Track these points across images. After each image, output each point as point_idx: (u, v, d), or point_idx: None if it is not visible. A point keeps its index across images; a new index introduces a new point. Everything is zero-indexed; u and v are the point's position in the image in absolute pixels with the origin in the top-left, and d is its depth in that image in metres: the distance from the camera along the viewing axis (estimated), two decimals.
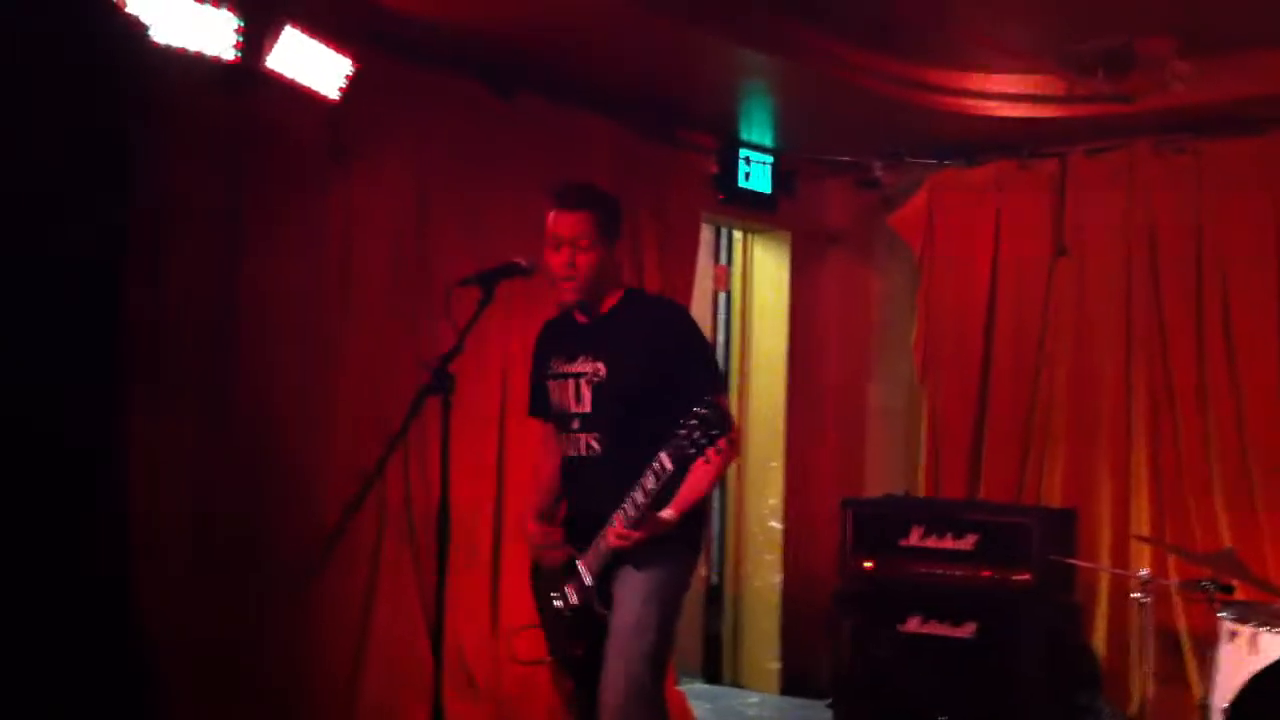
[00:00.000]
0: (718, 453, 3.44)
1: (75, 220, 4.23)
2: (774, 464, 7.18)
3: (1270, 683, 4.40)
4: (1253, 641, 4.61)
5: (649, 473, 3.46)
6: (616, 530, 3.54)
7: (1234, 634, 4.72)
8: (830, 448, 7.25)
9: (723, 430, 3.37)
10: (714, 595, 7.32)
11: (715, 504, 7.22)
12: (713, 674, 7.24)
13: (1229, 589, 4.87)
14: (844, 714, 5.52)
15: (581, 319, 3.86)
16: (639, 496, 3.49)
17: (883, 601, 5.55)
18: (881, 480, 6.95)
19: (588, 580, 3.68)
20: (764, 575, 7.18)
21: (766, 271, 7.38)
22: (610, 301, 3.82)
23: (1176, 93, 5.58)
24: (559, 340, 3.92)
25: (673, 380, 3.63)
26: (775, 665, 7.06)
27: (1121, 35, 5.40)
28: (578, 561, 3.71)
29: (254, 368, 4.91)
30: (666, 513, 3.59)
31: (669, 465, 3.42)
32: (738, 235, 7.46)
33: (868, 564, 5.63)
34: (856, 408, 7.34)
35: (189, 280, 4.71)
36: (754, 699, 6.92)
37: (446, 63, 5.39)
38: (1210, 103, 5.75)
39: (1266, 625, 4.61)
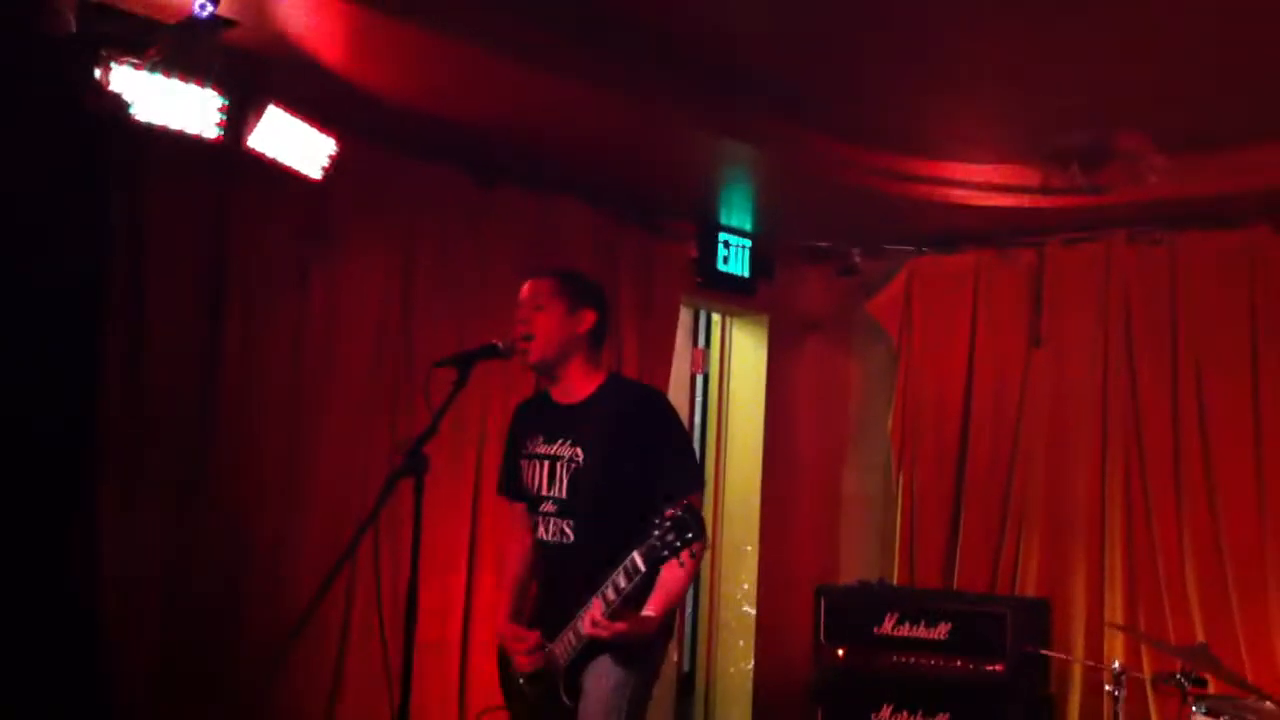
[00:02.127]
0: (691, 556, 3.41)
1: (52, 313, 4.26)
2: (748, 548, 7.15)
3: None
4: None
5: (621, 571, 3.44)
6: (593, 617, 3.51)
7: None
8: (805, 533, 7.24)
9: (697, 535, 3.34)
10: (686, 683, 7.26)
11: (692, 589, 7.17)
12: None
13: (1202, 682, 4.85)
14: None
15: (561, 401, 3.86)
16: (610, 594, 3.47)
17: (855, 691, 5.51)
18: (856, 567, 6.94)
19: (558, 667, 3.65)
20: (736, 661, 7.12)
21: (744, 355, 7.41)
22: (591, 386, 3.83)
23: (1152, 186, 5.67)
24: (537, 421, 3.91)
25: (651, 471, 3.62)
26: None
27: (1097, 130, 5.48)
28: (548, 647, 3.67)
29: (232, 447, 4.90)
30: (648, 612, 3.56)
31: (641, 566, 3.39)
32: (716, 318, 7.50)
33: (840, 652, 5.59)
34: (832, 493, 7.34)
35: (169, 356, 4.71)
36: None
37: (427, 150, 5.44)
38: (1185, 197, 5.81)
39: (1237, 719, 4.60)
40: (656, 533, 3.34)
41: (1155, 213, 6.07)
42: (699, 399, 7.49)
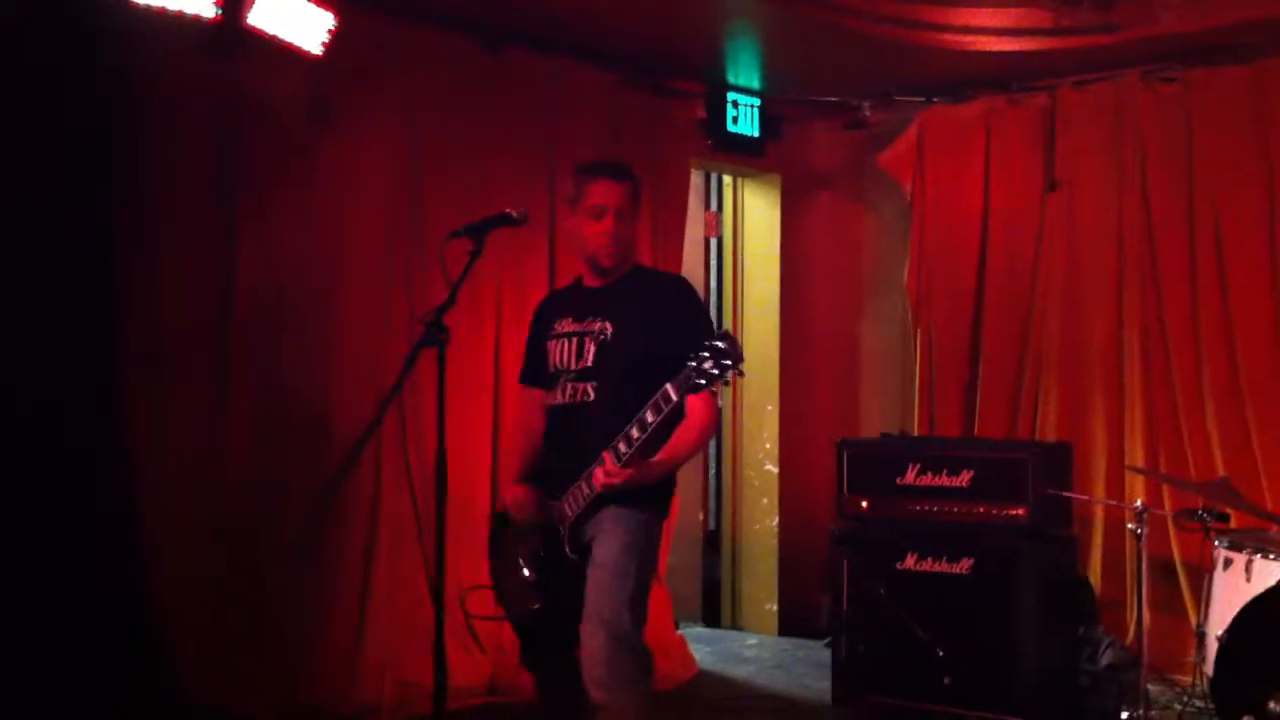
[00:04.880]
0: (712, 393, 3.45)
1: (59, 214, 4.27)
2: (769, 408, 7.21)
3: (1265, 609, 4.42)
4: (1247, 569, 4.65)
5: (649, 407, 3.46)
6: (606, 468, 3.54)
7: (1229, 562, 4.77)
8: (824, 389, 7.27)
9: (734, 364, 3.35)
10: (712, 540, 7.38)
11: (711, 449, 7.26)
12: (712, 618, 7.31)
13: (1224, 517, 4.90)
14: (842, 653, 5.55)
15: (591, 284, 3.89)
16: (634, 431, 3.49)
17: (879, 541, 5.56)
18: (876, 421, 6.98)
19: (564, 523, 3.68)
20: (761, 519, 7.23)
21: (757, 215, 7.37)
22: (619, 269, 3.86)
23: (1163, 22, 5.58)
24: (567, 304, 3.94)
25: (676, 348, 3.62)
26: (773, 607, 7.12)
27: None
28: (553, 505, 3.72)
29: (254, 335, 4.95)
30: (657, 459, 3.61)
31: (674, 396, 3.41)
32: (727, 180, 7.44)
33: (864, 504, 5.64)
34: (850, 349, 7.36)
35: (184, 253, 4.72)
36: (753, 640, 6.98)
37: (431, 18, 5.37)
38: (1197, 32, 5.73)
39: (1261, 552, 4.64)
40: (693, 363, 3.35)
41: (1167, 49, 5.99)
42: (713, 262, 7.47)
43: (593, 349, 3.77)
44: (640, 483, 3.60)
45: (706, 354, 3.34)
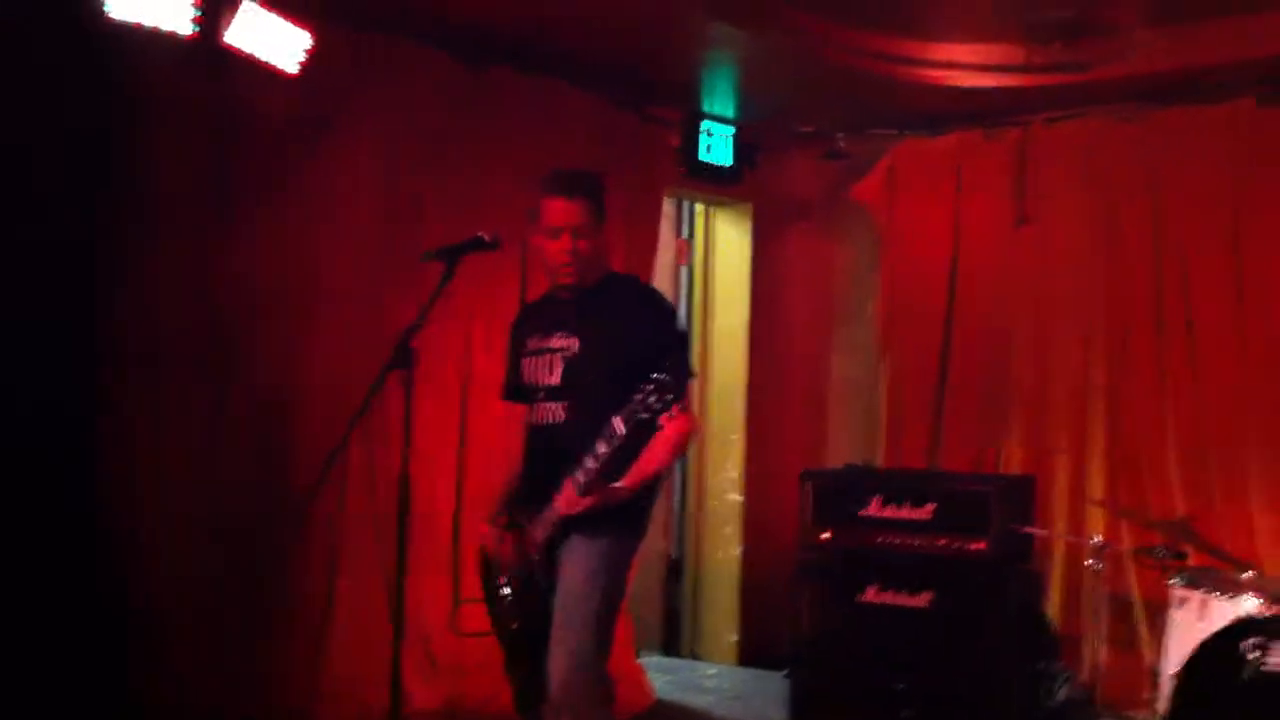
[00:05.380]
0: (670, 418, 3.48)
1: (56, 215, 4.27)
2: (734, 436, 7.22)
3: (1220, 649, 4.47)
4: (1203, 607, 4.71)
5: (601, 439, 3.48)
6: (566, 497, 3.57)
7: (1184, 600, 4.82)
8: (792, 419, 7.29)
9: (677, 395, 3.41)
10: (674, 569, 7.36)
11: (676, 478, 7.26)
12: (672, 647, 7.29)
13: (1181, 555, 4.95)
14: (801, 684, 5.56)
15: (560, 297, 3.91)
16: (590, 462, 3.51)
17: (841, 571, 5.59)
18: (843, 451, 6.97)
19: (534, 547, 3.71)
20: (724, 548, 7.22)
21: (728, 244, 7.40)
22: (589, 281, 3.86)
23: (1133, 61, 5.64)
24: (537, 319, 3.97)
25: (643, 360, 3.64)
26: (734, 637, 7.11)
27: (1078, 4, 5.44)
28: (528, 529, 3.74)
29: (227, 349, 4.93)
30: (620, 483, 3.62)
31: (621, 430, 3.44)
32: (700, 208, 7.46)
33: (826, 535, 5.66)
34: (818, 379, 7.38)
35: (157, 267, 4.71)
36: (712, 670, 6.96)
37: (413, 36, 5.36)
38: (1167, 71, 5.79)
39: (1216, 591, 4.70)
40: (638, 396, 3.38)
41: (1138, 88, 6.05)
42: (684, 290, 7.47)
43: (559, 366, 3.79)
44: (608, 504, 3.61)
45: (650, 386, 3.36)
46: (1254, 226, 5.91)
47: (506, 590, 3.84)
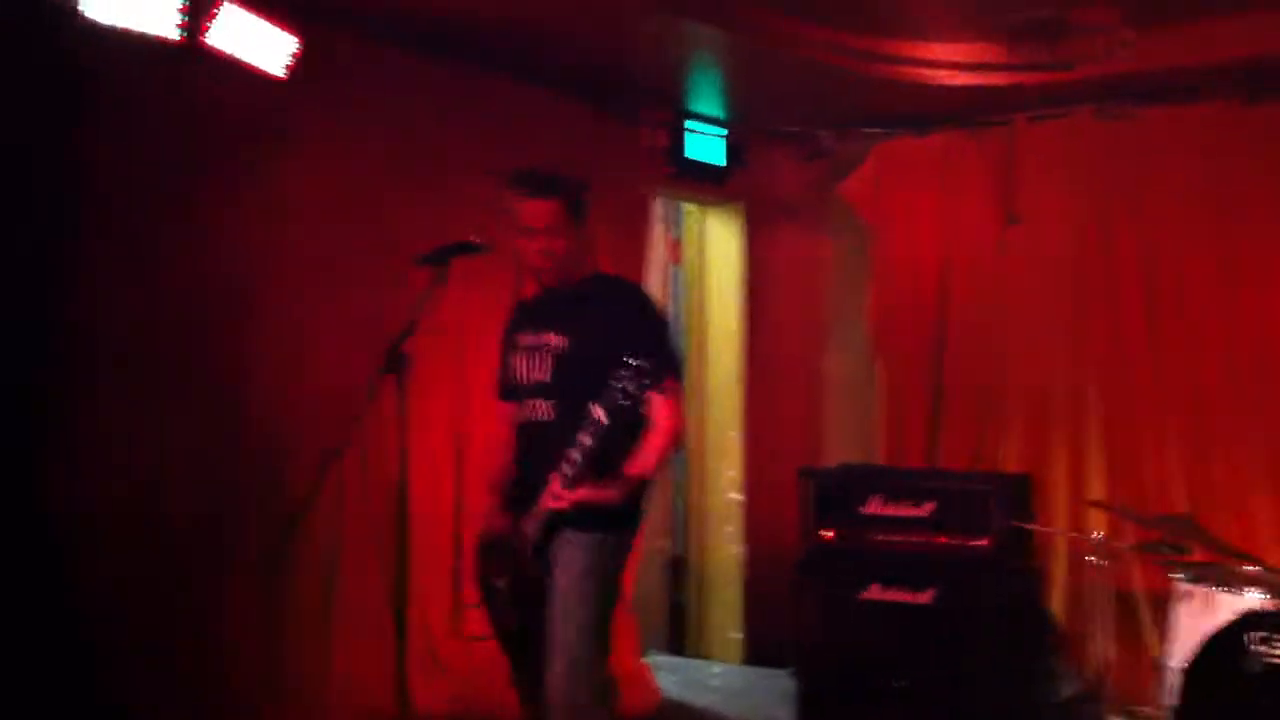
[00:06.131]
0: (656, 401, 3.54)
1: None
2: (732, 434, 7.20)
3: (1225, 642, 4.46)
4: (1207, 602, 4.69)
5: (584, 431, 3.48)
6: (553, 490, 3.56)
7: (1188, 595, 4.80)
8: (788, 418, 7.25)
9: (656, 380, 3.44)
10: (676, 568, 7.35)
11: (676, 476, 7.26)
12: (677, 646, 7.27)
13: (1184, 550, 4.94)
14: (806, 682, 5.54)
15: (547, 296, 3.94)
16: (575, 455, 3.50)
17: (844, 570, 5.57)
18: (840, 449, 6.95)
19: (526, 543, 3.67)
20: (725, 547, 7.20)
21: (720, 243, 7.38)
22: (576, 278, 3.90)
23: (1117, 60, 5.64)
24: (528, 315, 4.01)
25: (631, 356, 3.63)
26: (738, 636, 7.09)
27: (1060, 4, 5.46)
28: (519, 525, 3.71)
29: (212, 354, 4.87)
30: (610, 484, 3.61)
31: (602, 417, 3.44)
32: (691, 208, 7.44)
33: (828, 533, 5.65)
34: (813, 377, 7.33)
35: (137, 270, 4.65)
36: (717, 669, 6.96)
37: (395, 39, 5.32)
38: (1151, 71, 5.80)
39: (1220, 586, 4.69)
40: (615, 383, 3.41)
41: (1123, 87, 6.04)
42: (675, 290, 7.46)
43: (549, 363, 3.80)
44: (604, 501, 3.60)
45: (625, 372, 3.39)
46: (1241, 223, 5.94)
47: (501, 584, 3.82)
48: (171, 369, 4.76)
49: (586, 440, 3.48)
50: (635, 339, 3.64)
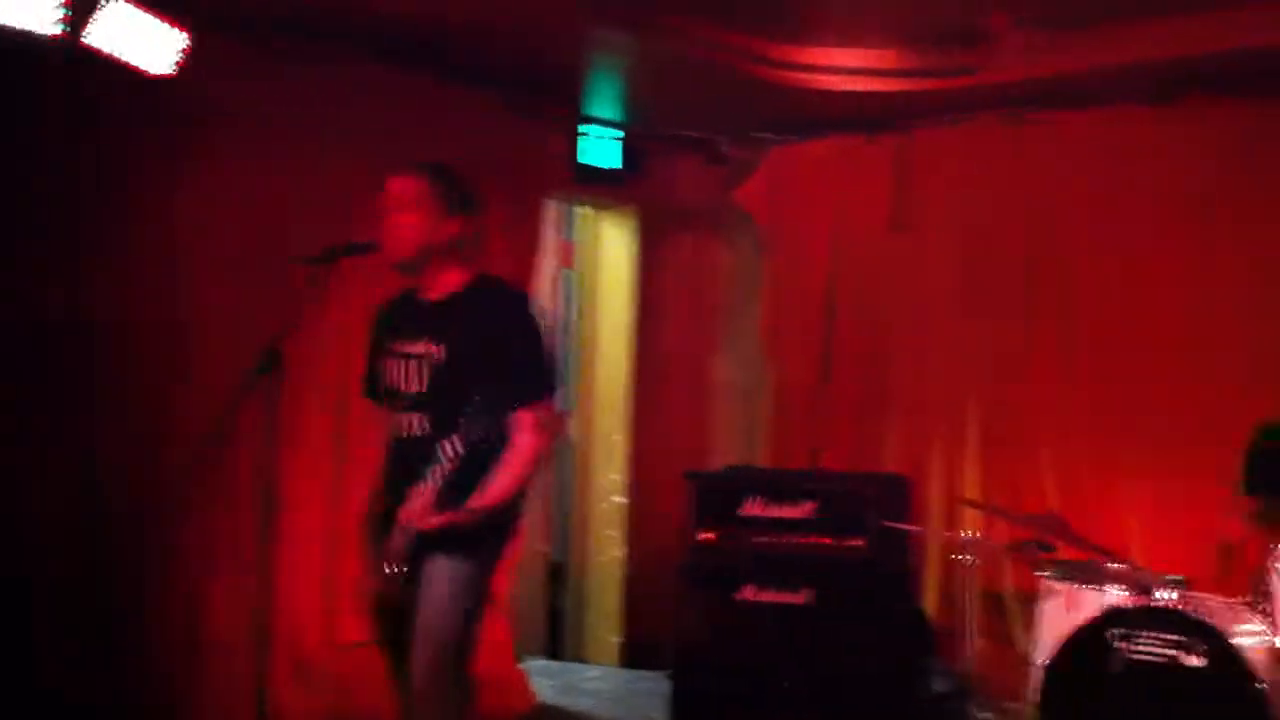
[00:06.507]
0: (531, 411, 3.56)
1: None
2: (617, 438, 7.22)
3: (1087, 639, 4.57)
4: (1072, 599, 4.81)
5: (441, 458, 3.46)
6: (413, 509, 3.51)
7: (1054, 592, 4.92)
8: (677, 422, 7.27)
9: (524, 400, 3.52)
10: (556, 572, 7.32)
11: (557, 481, 7.23)
12: (556, 651, 7.23)
13: (1050, 549, 5.05)
14: (683, 684, 5.58)
15: (425, 298, 3.82)
16: (432, 482, 3.48)
17: (724, 572, 5.61)
18: (727, 453, 7.01)
19: (394, 558, 3.65)
20: (607, 550, 7.21)
21: (614, 248, 7.39)
22: (456, 283, 3.78)
23: (1015, 67, 5.73)
24: (400, 319, 3.86)
25: (506, 372, 3.61)
26: (618, 639, 7.10)
27: (963, 9, 5.54)
28: (387, 540, 3.68)
29: (99, 360, 4.82)
30: (470, 504, 3.56)
31: (460, 449, 3.43)
32: (586, 212, 7.43)
33: (709, 535, 5.70)
34: (703, 382, 7.37)
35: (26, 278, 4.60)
36: (595, 673, 6.94)
37: (289, 35, 5.25)
38: (1049, 77, 5.88)
39: (1085, 583, 4.80)
40: (465, 418, 3.42)
41: (1020, 93, 6.13)
42: (568, 293, 7.45)
43: (425, 375, 3.70)
44: (464, 524, 3.55)
45: (472, 408, 3.41)
46: (1136, 228, 6.06)
47: (377, 591, 3.74)
48: (50, 373, 4.71)
49: (449, 466, 3.45)
50: (513, 353, 3.62)
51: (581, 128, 6.75)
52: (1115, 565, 4.84)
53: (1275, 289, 5.71)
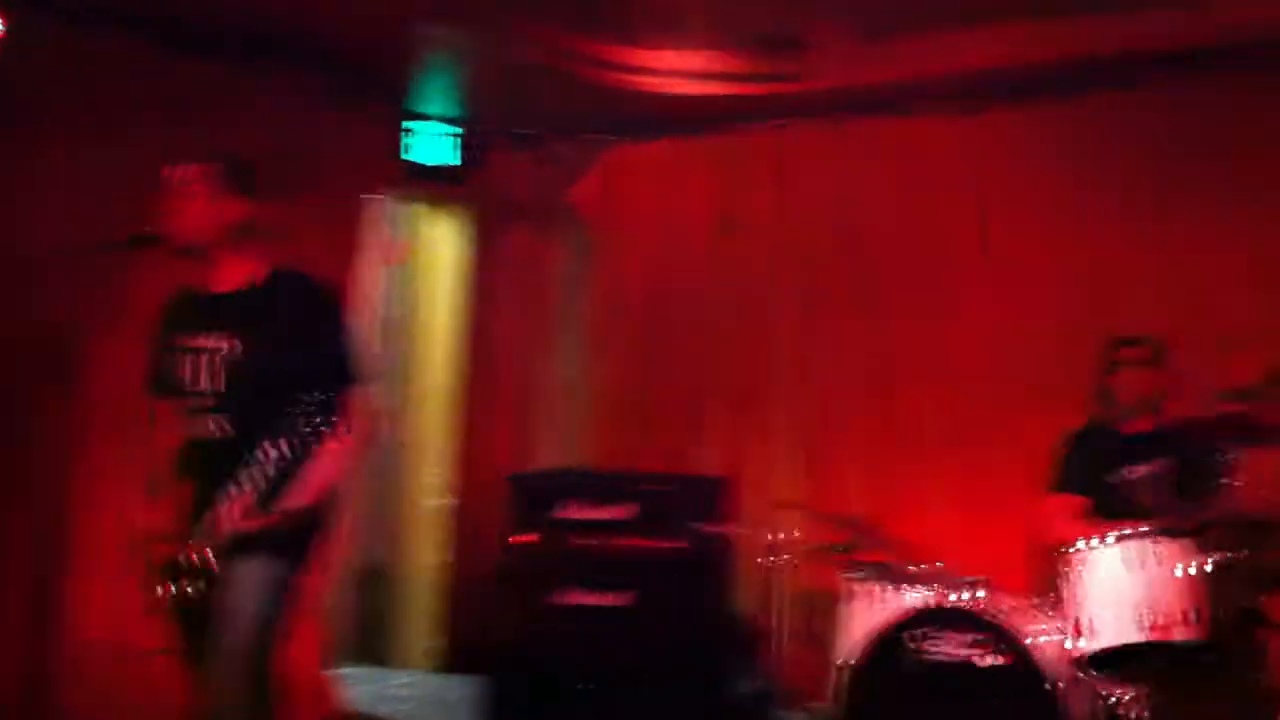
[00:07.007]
0: (332, 436, 3.42)
1: None
2: (443, 439, 7.15)
3: (885, 640, 4.66)
4: (874, 600, 4.91)
5: (256, 463, 3.39)
6: (224, 513, 3.44)
7: (857, 594, 5.01)
8: (502, 423, 7.20)
9: (326, 423, 3.37)
10: (371, 577, 7.19)
11: (384, 481, 7.15)
12: (369, 657, 7.10)
13: (851, 549, 5.15)
14: (497, 688, 5.54)
15: (215, 290, 3.71)
16: (247, 485, 3.40)
17: (543, 574, 5.57)
18: (555, 455, 7.00)
19: (196, 562, 3.57)
20: (426, 554, 7.14)
21: (444, 245, 7.33)
22: (247, 274, 3.69)
23: (839, 74, 5.85)
24: (189, 313, 3.75)
25: (308, 363, 3.54)
26: (436, 644, 7.02)
27: (788, 16, 5.65)
28: (189, 545, 3.59)
29: None
30: (280, 507, 3.49)
31: (272, 455, 3.36)
32: (418, 208, 7.34)
33: (530, 537, 5.66)
34: (531, 382, 7.30)
35: None
36: (407, 679, 6.83)
37: (104, 21, 5.12)
38: (877, 83, 6.03)
39: (888, 584, 4.91)
40: (295, 420, 3.32)
41: (846, 100, 6.27)
42: (395, 290, 7.34)
43: (221, 372, 3.60)
44: (274, 526, 3.48)
45: (300, 410, 3.34)
46: (947, 233, 6.20)
47: (173, 598, 3.63)
48: None
49: (257, 475, 3.38)
50: (319, 358, 3.55)
51: (416, 124, 6.68)
52: (917, 567, 4.95)
53: (1084, 295, 5.87)
